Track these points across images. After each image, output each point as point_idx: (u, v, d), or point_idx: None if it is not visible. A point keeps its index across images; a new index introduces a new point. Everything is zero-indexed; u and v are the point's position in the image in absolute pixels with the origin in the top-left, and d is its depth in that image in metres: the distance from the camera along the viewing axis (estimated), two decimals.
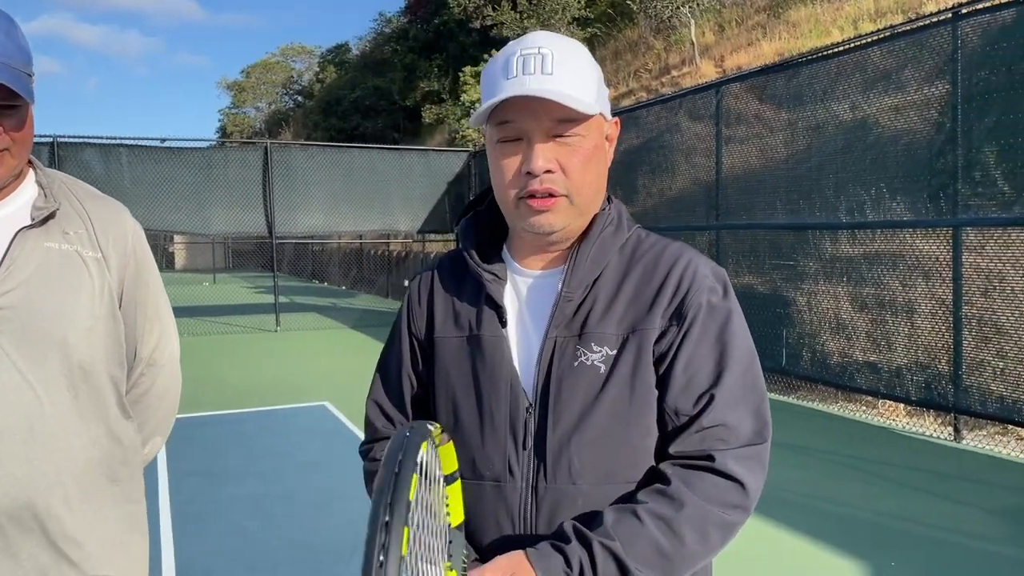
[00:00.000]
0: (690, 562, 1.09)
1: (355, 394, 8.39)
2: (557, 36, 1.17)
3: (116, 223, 1.47)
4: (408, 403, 1.33)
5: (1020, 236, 5.94)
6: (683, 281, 1.18)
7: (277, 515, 4.75)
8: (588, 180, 1.17)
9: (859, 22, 14.33)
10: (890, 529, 4.36)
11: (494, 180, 1.21)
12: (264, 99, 55.83)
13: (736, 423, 1.13)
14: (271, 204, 13.88)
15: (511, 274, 1.26)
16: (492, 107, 1.12)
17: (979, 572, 3.82)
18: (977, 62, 6.04)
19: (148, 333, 1.53)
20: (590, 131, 1.16)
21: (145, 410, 1.56)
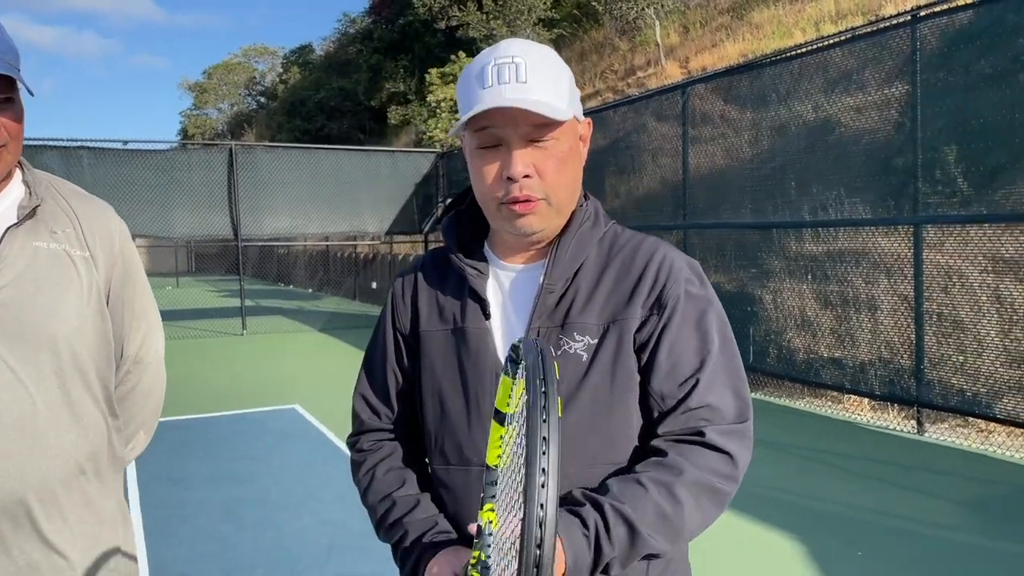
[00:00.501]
0: (688, 527, 1.14)
1: (326, 396, 8.35)
2: (529, 43, 1.21)
3: (103, 222, 1.48)
4: (393, 396, 1.37)
5: (978, 233, 6.10)
6: (660, 273, 1.23)
7: (250, 519, 4.72)
8: (564, 181, 1.22)
9: (821, 24, 14.57)
10: (856, 520, 4.45)
11: (475, 185, 1.25)
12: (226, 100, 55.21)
13: (720, 404, 1.19)
14: (236, 206, 13.74)
15: (493, 269, 1.31)
16: (470, 118, 1.16)
17: (944, 561, 3.92)
18: (936, 63, 6.19)
19: (135, 331, 1.54)
20: (565, 134, 1.21)
21: (131, 407, 1.56)
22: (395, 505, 1.30)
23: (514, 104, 1.13)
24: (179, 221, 13.41)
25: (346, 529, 4.53)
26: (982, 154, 5.98)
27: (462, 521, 1.23)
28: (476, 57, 1.23)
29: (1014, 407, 5.76)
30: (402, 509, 1.29)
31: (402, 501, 1.30)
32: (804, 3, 16.24)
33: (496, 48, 1.20)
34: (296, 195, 14.36)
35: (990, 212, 5.95)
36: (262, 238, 15.22)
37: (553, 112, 1.15)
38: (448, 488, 1.27)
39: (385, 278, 19.37)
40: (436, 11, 22.98)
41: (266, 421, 7.37)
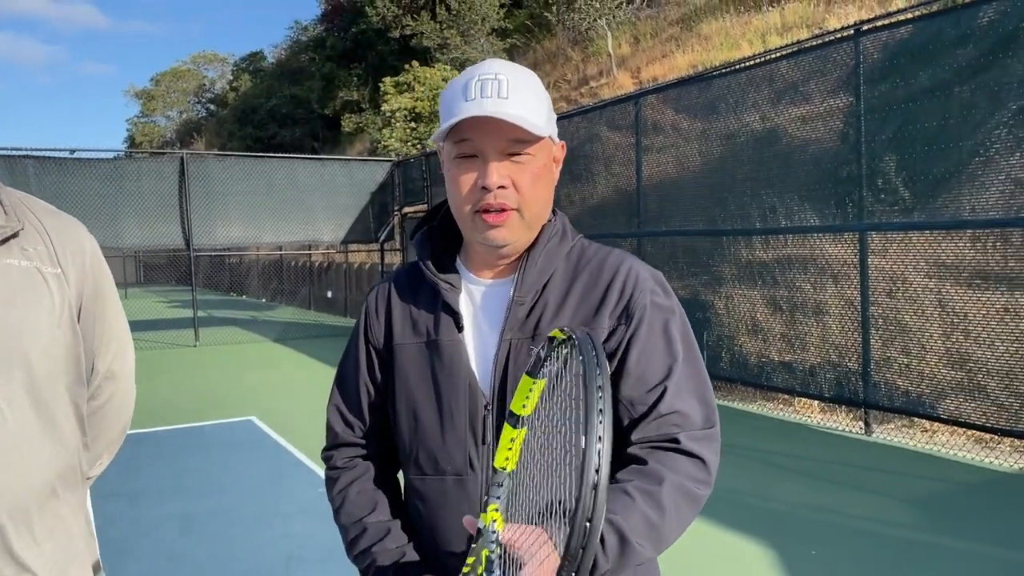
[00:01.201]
0: (670, 534, 1.19)
1: (282, 408, 8.27)
2: (513, 65, 1.28)
3: (74, 239, 1.48)
4: (366, 409, 1.40)
5: (919, 239, 6.32)
6: (627, 285, 1.29)
7: (208, 533, 4.67)
8: (537, 196, 1.27)
9: (767, 35, 14.91)
10: (809, 520, 4.58)
11: (451, 193, 1.30)
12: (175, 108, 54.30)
13: (688, 410, 1.24)
14: (188, 216, 13.54)
15: (465, 283, 1.35)
16: (452, 125, 1.22)
17: (895, 558, 4.05)
18: (878, 76, 6.40)
19: (106, 346, 1.54)
20: (540, 152, 1.27)
21: (100, 423, 1.56)
22: (365, 532, 1.32)
23: (494, 115, 1.18)
24: (128, 231, 13.16)
25: (308, 542, 4.52)
26: (923, 164, 6.19)
27: (439, 530, 1.27)
28: (461, 72, 1.29)
29: (956, 407, 5.98)
30: (372, 537, 1.31)
31: (373, 528, 1.32)
32: (751, 15, 16.60)
33: (481, 65, 1.26)
34: (249, 204, 14.21)
35: (932, 220, 6.16)
36: (215, 248, 15.01)
37: (530, 127, 1.21)
38: (424, 498, 1.31)
39: (340, 287, 19.24)
40: (390, 20, 22.96)
41: (222, 434, 7.29)
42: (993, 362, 5.84)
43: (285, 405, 8.47)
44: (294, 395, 9.20)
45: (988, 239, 6.20)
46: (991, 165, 5.84)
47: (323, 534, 4.64)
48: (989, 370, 5.86)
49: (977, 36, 5.82)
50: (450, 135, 1.24)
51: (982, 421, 5.78)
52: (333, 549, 4.39)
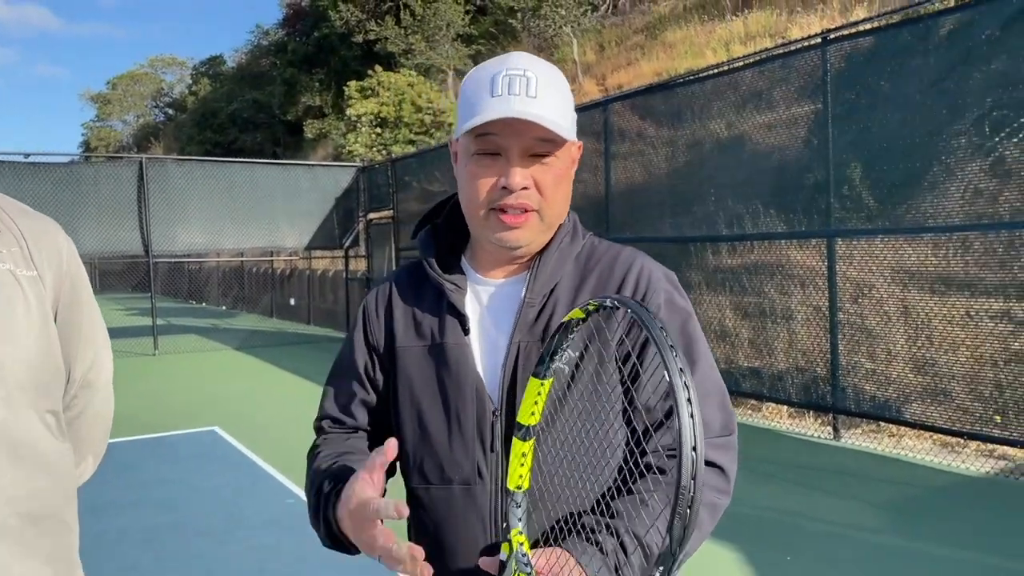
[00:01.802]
0: (691, 544, 1.13)
1: (246, 417, 8.11)
2: (540, 60, 1.22)
3: (49, 240, 1.40)
4: (356, 410, 1.35)
5: (883, 246, 6.40)
6: (640, 283, 1.25)
7: (173, 547, 4.53)
8: (558, 198, 1.23)
9: (731, 44, 15.10)
10: (783, 525, 4.59)
11: (466, 190, 1.23)
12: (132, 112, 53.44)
13: (708, 418, 1.20)
14: (147, 221, 13.27)
15: (471, 283, 1.29)
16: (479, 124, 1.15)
17: (867, 562, 4.07)
18: (844, 84, 6.47)
19: (84, 352, 1.46)
20: (564, 153, 1.22)
21: (79, 432, 1.48)
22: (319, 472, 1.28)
23: (526, 117, 1.13)
24: (86, 237, 12.83)
25: (276, 554, 4.40)
26: (888, 171, 6.28)
27: (446, 542, 1.21)
28: (483, 64, 1.23)
29: (922, 412, 6.05)
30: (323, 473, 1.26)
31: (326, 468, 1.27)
32: (715, 24, 16.80)
33: (507, 59, 1.20)
34: (210, 209, 13.97)
35: (897, 226, 6.24)
36: (174, 254, 14.74)
37: (560, 130, 1.16)
38: (429, 508, 1.25)
39: (303, 294, 19.00)
40: (353, 25, 22.81)
41: (184, 444, 7.12)
42: (956, 367, 5.93)
43: (249, 414, 8.30)
44: (258, 404, 9.03)
45: (949, 246, 6.30)
46: (952, 172, 5.94)
47: (292, 546, 4.53)
48: (953, 375, 5.95)
49: (938, 46, 5.92)
50: (477, 128, 1.18)
51: (947, 425, 5.86)
52: (303, 561, 4.29)
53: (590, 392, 1.19)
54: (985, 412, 5.71)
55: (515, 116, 1.13)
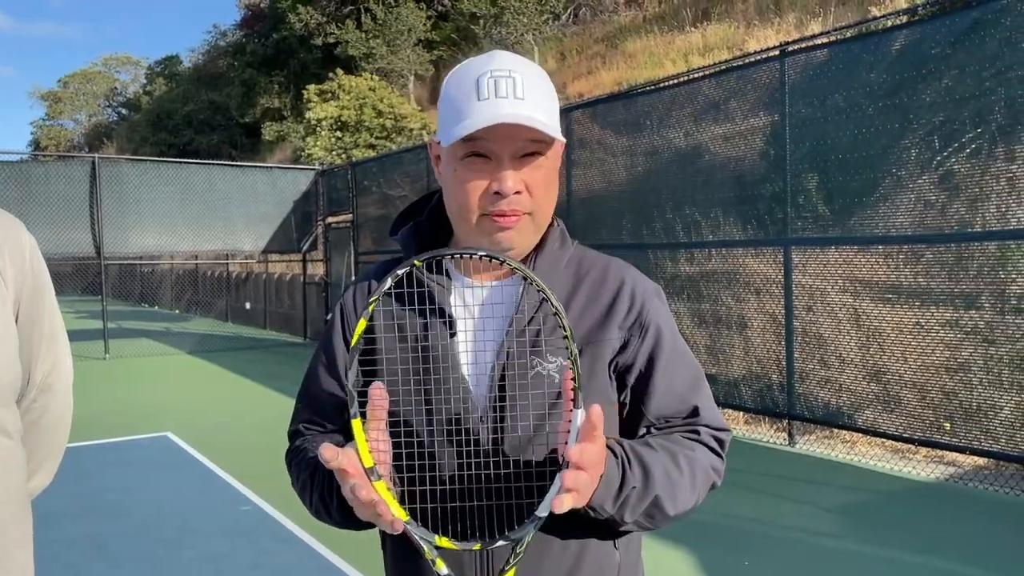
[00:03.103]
0: (683, 497, 1.17)
1: (200, 422, 7.96)
2: (523, 59, 1.20)
3: (12, 238, 1.36)
4: (336, 415, 1.29)
5: (836, 255, 6.54)
6: (636, 295, 1.26)
7: (125, 555, 4.43)
8: (549, 199, 1.21)
9: (689, 56, 15.30)
10: (739, 530, 4.64)
11: (455, 194, 1.20)
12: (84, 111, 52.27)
13: (718, 421, 1.28)
14: (99, 222, 12.98)
15: (456, 285, 1.25)
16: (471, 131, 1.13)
17: (822, 566, 4.13)
18: (801, 96, 6.59)
19: (45, 354, 1.41)
20: (553, 152, 1.20)
21: (36, 437, 1.43)
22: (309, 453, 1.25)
23: (516, 120, 1.11)
24: (35, 237, 12.46)
25: (231, 562, 4.33)
26: (843, 181, 6.40)
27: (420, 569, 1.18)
28: (465, 64, 1.20)
29: (874, 419, 6.18)
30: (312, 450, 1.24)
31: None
32: (674, 35, 17.02)
33: (490, 59, 1.17)
34: (165, 211, 13.71)
35: (853, 235, 6.37)
36: (127, 256, 14.44)
37: (550, 130, 1.14)
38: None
39: (260, 299, 18.74)
40: (313, 27, 22.62)
41: (135, 450, 6.96)
42: (907, 375, 6.06)
43: (203, 419, 8.15)
44: (212, 409, 8.87)
45: (900, 256, 6.45)
46: (903, 185, 6.08)
47: (246, 553, 4.46)
48: (903, 382, 6.08)
49: (891, 61, 6.06)
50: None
51: (898, 432, 5.99)
52: (258, 568, 4.22)
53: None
54: (934, 419, 5.85)
55: (507, 121, 1.11)
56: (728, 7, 16.79)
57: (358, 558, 4.32)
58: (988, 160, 5.64)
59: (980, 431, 5.54)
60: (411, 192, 12.46)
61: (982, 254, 5.75)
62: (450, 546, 1.05)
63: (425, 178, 12.01)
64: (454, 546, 1.05)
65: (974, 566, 4.05)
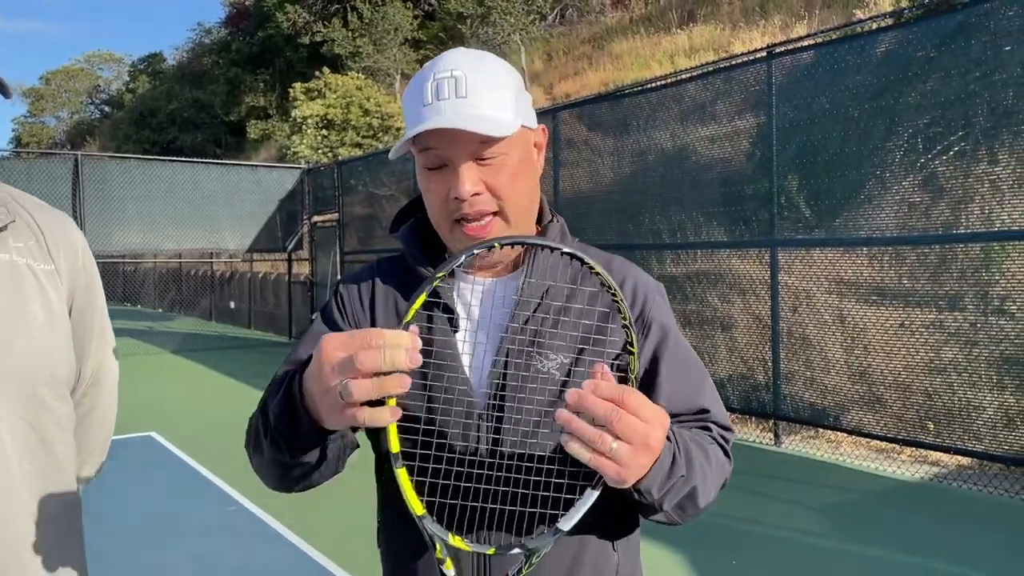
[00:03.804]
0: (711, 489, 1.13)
1: (184, 422, 7.91)
2: (471, 53, 1.16)
3: (66, 234, 1.37)
4: None
5: (821, 256, 6.57)
6: (638, 292, 1.24)
7: (108, 557, 4.38)
8: (519, 193, 1.17)
9: (676, 57, 15.35)
10: (727, 529, 4.65)
11: (427, 204, 1.20)
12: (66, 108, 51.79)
13: (726, 420, 1.25)
14: (82, 220, 12.84)
15: (457, 281, 1.24)
16: (411, 137, 1.11)
17: (809, 565, 4.15)
18: (788, 97, 6.62)
19: (94, 351, 1.42)
20: (513, 147, 1.15)
21: (86, 432, 1.43)
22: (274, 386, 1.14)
23: (452, 125, 1.08)
24: None
25: (217, 563, 4.29)
26: (829, 183, 6.43)
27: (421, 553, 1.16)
28: (419, 70, 1.18)
29: (859, 419, 6.21)
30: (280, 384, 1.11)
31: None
32: (660, 37, 17.07)
33: (437, 61, 1.15)
34: (148, 209, 13.58)
35: (841, 236, 6.40)
36: (111, 255, 14.30)
37: (495, 128, 1.09)
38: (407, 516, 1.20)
39: (244, 298, 18.64)
40: (300, 26, 22.52)
41: (119, 451, 6.85)
42: (891, 375, 6.10)
43: (187, 419, 8.09)
44: (197, 409, 8.81)
45: (884, 257, 6.50)
46: (888, 186, 6.12)
47: (232, 554, 4.43)
48: (888, 383, 6.12)
49: (877, 64, 6.10)
50: (414, 143, 1.14)
51: (882, 432, 6.03)
52: (243, 569, 4.19)
53: None
54: (918, 420, 5.89)
55: (443, 126, 1.08)
56: (714, 9, 16.86)
57: (345, 557, 4.30)
58: (972, 162, 5.69)
59: (963, 431, 5.59)
60: (398, 191, 12.43)
61: (966, 256, 5.79)
62: (463, 547, 1.00)
63: (411, 178, 11.98)
64: (467, 547, 1.00)
65: (959, 565, 4.08)
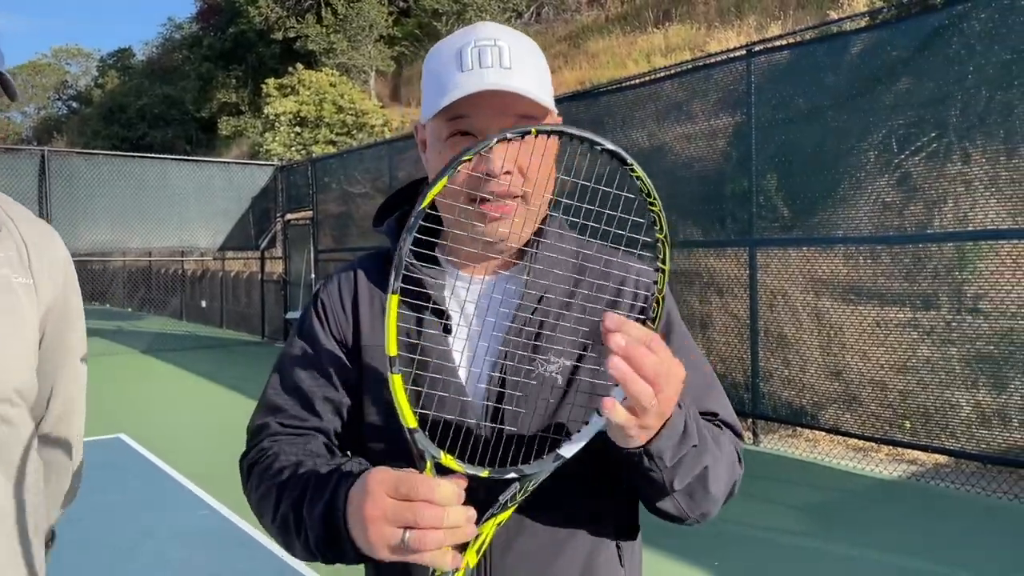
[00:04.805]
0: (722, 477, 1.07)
1: (154, 423, 7.76)
2: (510, 29, 1.10)
3: (51, 249, 1.28)
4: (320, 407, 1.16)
5: (796, 256, 6.58)
6: (639, 285, 1.17)
7: (76, 564, 4.26)
8: (544, 179, 1.10)
9: (652, 56, 15.38)
10: (708, 530, 4.62)
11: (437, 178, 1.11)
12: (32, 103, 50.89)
13: (735, 421, 1.19)
14: (48, 217, 12.57)
15: (449, 279, 1.16)
16: (450, 103, 1.03)
17: (789, 564, 4.14)
18: (766, 97, 6.62)
19: (67, 379, 1.30)
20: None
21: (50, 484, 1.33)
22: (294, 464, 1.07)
23: (503, 88, 1.01)
24: None
25: (189, 569, 4.19)
26: (807, 183, 6.44)
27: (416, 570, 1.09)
28: (446, 39, 1.11)
29: (835, 418, 6.23)
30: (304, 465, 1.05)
31: (307, 460, 1.06)
32: (636, 36, 17.10)
33: (474, 29, 1.08)
34: (118, 207, 13.36)
35: (821, 236, 6.41)
36: (78, 253, 14.01)
37: (542, 102, 1.04)
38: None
39: (216, 296, 18.39)
40: (272, 21, 22.28)
41: (87, 453, 6.63)
42: (867, 374, 6.12)
43: (158, 421, 7.94)
44: (168, 410, 8.66)
45: (860, 257, 6.52)
46: (863, 186, 6.13)
47: (205, 560, 4.33)
48: (864, 381, 6.14)
49: (857, 63, 6.11)
50: (442, 111, 1.06)
51: (859, 431, 6.05)
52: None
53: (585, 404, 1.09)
54: (895, 418, 5.92)
55: (491, 88, 1.02)
56: (689, 9, 16.92)
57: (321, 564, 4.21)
58: (946, 163, 5.72)
59: (939, 429, 5.62)
60: (372, 189, 12.30)
61: (940, 255, 5.83)
62: (455, 467, 0.93)
63: (387, 175, 11.87)
64: (459, 467, 0.93)
65: (937, 562, 4.09)
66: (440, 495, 0.87)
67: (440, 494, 0.87)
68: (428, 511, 0.86)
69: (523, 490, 0.95)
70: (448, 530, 0.87)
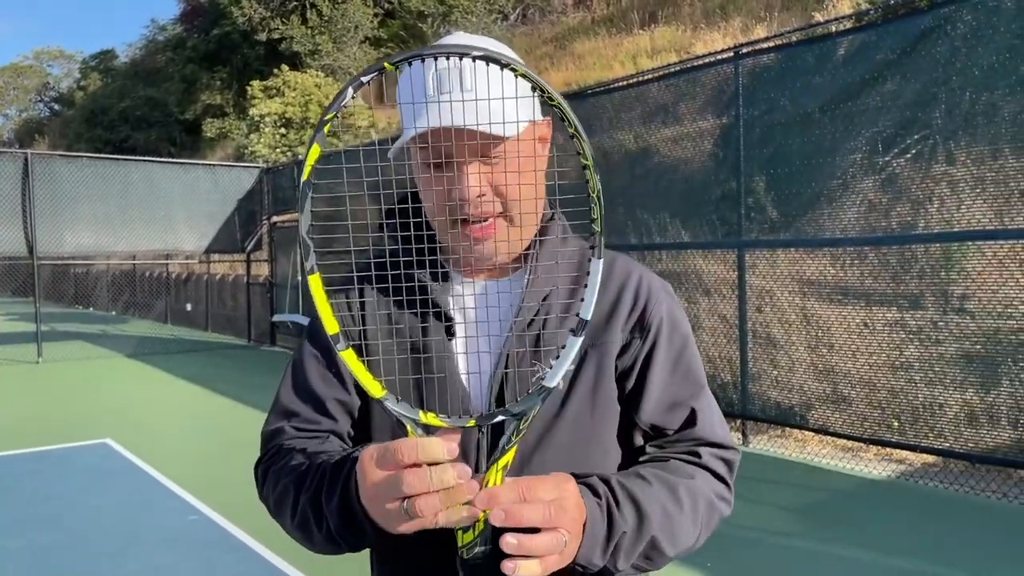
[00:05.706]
0: (684, 533, 1.06)
1: (141, 427, 7.69)
2: (474, 39, 1.08)
3: None
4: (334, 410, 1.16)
5: (784, 256, 6.61)
6: (639, 294, 1.16)
7: (64, 568, 4.21)
8: (524, 194, 1.09)
9: (638, 58, 15.41)
10: None
11: (425, 200, 1.12)
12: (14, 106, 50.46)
13: (721, 437, 1.16)
14: (31, 221, 12.47)
15: (455, 283, 1.16)
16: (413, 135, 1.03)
17: (780, 564, 4.15)
18: (754, 98, 6.64)
19: None
20: (520, 144, 1.08)
21: None
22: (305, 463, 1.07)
23: (455, 124, 1.00)
24: None
25: (178, 574, 4.15)
26: (796, 184, 6.46)
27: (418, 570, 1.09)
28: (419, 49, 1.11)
29: (824, 418, 6.26)
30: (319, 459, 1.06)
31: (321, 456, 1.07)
32: (622, 37, 17.13)
33: (440, 45, 1.03)
34: (102, 210, 13.25)
35: (809, 237, 6.42)
36: (62, 256, 13.91)
37: (502, 127, 1.02)
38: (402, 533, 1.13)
39: (201, 300, 18.27)
40: (257, 22, 22.17)
41: (73, 458, 6.66)
42: (855, 374, 6.15)
43: (144, 425, 7.87)
44: (154, 414, 8.58)
45: (847, 257, 6.55)
46: (851, 188, 6.16)
47: (193, 565, 4.28)
48: (852, 382, 6.17)
49: (845, 65, 6.14)
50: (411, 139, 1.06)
51: (847, 431, 6.07)
52: None
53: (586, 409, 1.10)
54: (883, 418, 5.95)
55: (446, 125, 1.00)
56: (675, 11, 16.97)
57: (310, 567, 4.18)
58: (931, 163, 5.75)
59: (928, 429, 5.65)
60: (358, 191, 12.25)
61: (927, 255, 5.86)
62: (438, 423, 0.92)
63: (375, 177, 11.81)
64: (443, 423, 0.92)
65: (925, 562, 4.11)
66: (424, 453, 0.86)
67: (424, 452, 0.86)
68: (413, 477, 0.86)
69: (518, 429, 0.95)
70: (444, 492, 0.86)
